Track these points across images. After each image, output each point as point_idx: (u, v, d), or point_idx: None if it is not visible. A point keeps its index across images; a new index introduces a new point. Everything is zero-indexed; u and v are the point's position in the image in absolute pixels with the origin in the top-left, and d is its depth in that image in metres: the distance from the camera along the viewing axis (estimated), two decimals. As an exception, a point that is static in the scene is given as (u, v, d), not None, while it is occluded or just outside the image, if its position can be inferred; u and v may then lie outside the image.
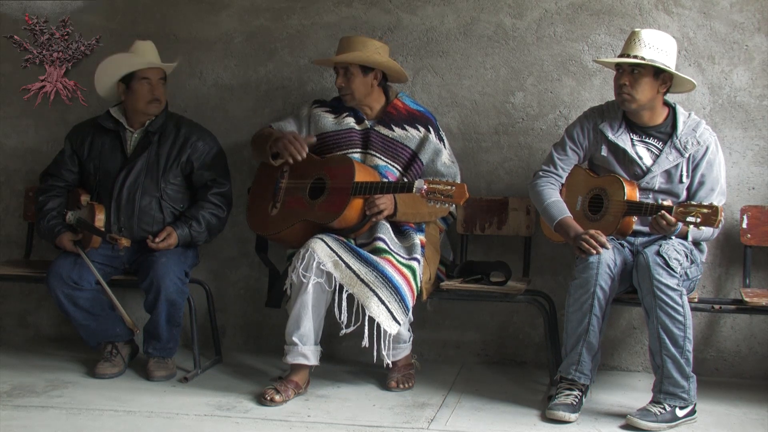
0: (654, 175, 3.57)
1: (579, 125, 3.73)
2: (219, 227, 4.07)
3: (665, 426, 3.28)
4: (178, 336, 3.94)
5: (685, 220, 3.26)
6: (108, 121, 4.07)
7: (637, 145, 3.61)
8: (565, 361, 3.45)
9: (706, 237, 3.55)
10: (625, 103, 3.53)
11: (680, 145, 3.56)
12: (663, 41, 3.50)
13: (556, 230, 3.60)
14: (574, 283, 3.43)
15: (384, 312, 3.49)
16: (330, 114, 3.94)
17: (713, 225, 3.21)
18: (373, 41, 3.88)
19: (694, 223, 3.23)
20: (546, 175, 3.71)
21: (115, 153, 4.03)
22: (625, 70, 3.50)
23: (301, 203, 3.76)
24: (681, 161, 3.56)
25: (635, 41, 3.49)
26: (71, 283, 3.81)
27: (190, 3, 4.45)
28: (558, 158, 3.72)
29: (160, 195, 3.97)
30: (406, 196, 3.67)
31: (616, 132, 3.63)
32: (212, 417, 3.39)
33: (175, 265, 3.83)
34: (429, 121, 3.93)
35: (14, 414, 3.39)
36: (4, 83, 4.59)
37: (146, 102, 3.98)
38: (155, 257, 3.83)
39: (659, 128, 3.61)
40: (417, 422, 3.35)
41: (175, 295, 3.81)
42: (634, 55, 3.46)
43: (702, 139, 3.56)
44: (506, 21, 4.17)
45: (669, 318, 3.28)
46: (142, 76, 3.97)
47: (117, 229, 3.93)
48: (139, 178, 3.97)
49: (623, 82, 3.50)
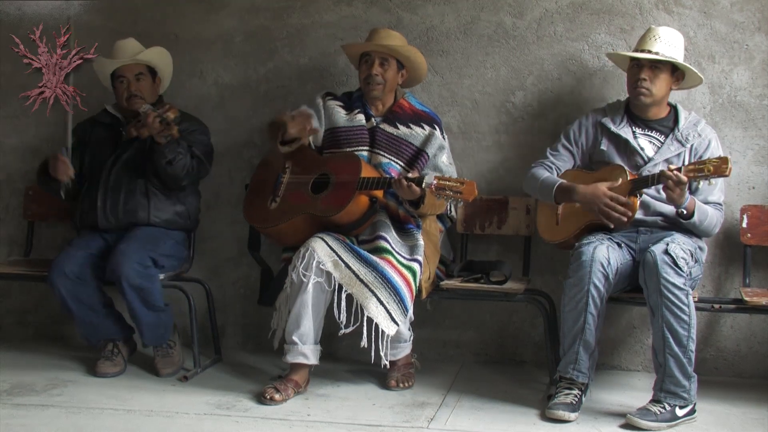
0: (656, 163, 3.58)
1: (577, 123, 3.77)
2: (188, 173, 3.96)
3: (665, 425, 3.27)
4: (167, 320, 3.91)
5: (697, 176, 3.25)
6: (105, 117, 4.15)
7: (639, 137, 3.64)
8: (563, 360, 3.45)
9: (710, 224, 3.54)
10: (641, 98, 3.57)
11: (682, 137, 3.61)
12: (677, 38, 3.59)
13: (558, 199, 3.59)
14: (568, 282, 3.43)
15: (382, 312, 3.49)
16: (342, 109, 3.94)
17: (725, 173, 3.19)
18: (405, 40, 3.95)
19: (706, 175, 3.23)
20: (537, 164, 3.75)
21: (108, 144, 4.08)
22: (645, 65, 3.54)
23: (303, 198, 3.75)
24: (683, 151, 3.59)
25: (653, 37, 3.55)
26: (74, 278, 3.81)
27: (189, 2, 4.45)
28: (550, 153, 3.77)
29: (146, 180, 3.99)
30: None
31: (618, 125, 3.66)
32: (212, 416, 3.39)
33: (134, 251, 3.79)
34: (434, 121, 3.95)
35: (14, 412, 3.39)
36: (4, 83, 4.59)
37: (124, 99, 4.06)
38: (116, 247, 3.83)
39: (661, 122, 3.66)
40: (417, 421, 3.35)
41: (139, 280, 3.76)
42: (654, 51, 3.52)
43: (704, 133, 3.63)
44: (506, 20, 4.17)
45: (674, 317, 3.28)
46: (118, 75, 4.08)
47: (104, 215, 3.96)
48: (127, 164, 4.01)
49: (643, 76, 3.54)
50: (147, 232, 3.95)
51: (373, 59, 3.85)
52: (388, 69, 3.86)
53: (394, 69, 3.89)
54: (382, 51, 3.85)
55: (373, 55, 3.86)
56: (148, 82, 4.11)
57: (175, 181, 3.97)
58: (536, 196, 3.77)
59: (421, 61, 3.93)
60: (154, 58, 4.14)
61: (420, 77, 4.03)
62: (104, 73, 4.14)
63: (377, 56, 3.85)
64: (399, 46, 3.86)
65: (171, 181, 3.97)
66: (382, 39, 3.87)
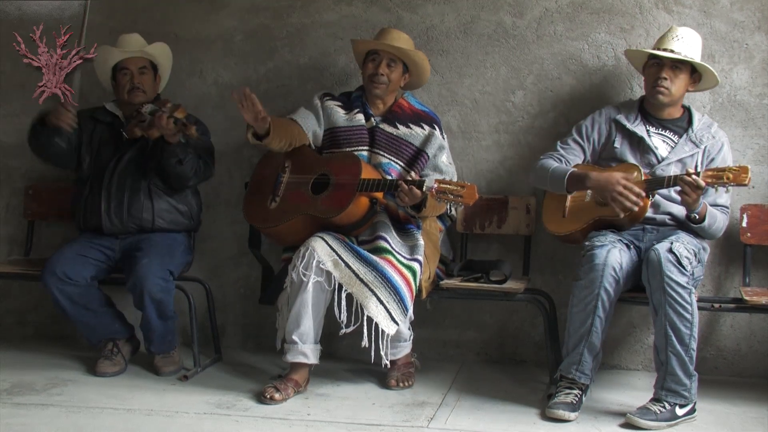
0: (669, 162, 3.58)
1: (590, 118, 3.77)
2: (196, 173, 3.97)
3: (665, 425, 3.27)
4: (174, 327, 3.93)
5: (716, 183, 3.24)
6: (105, 115, 4.13)
7: (653, 135, 3.65)
8: (566, 361, 3.44)
9: (718, 228, 3.55)
10: (659, 97, 3.57)
11: (695, 138, 3.61)
12: (696, 39, 3.60)
13: (570, 187, 3.57)
14: (579, 284, 3.41)
15: (382, 312, 3.49)
16: (341, 109, 3.94)
17: (744, 182, 3.20)
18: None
19: (724, 183, 3.22)
20: (546, 156, 3.74)
21: (109, 144, 4.07)
22: (666, 64, 3.54)
23: (303, 198, 3.75)
24: (696, 152, 3.60)
25: (674, 37, 3.56)
26: (65, 278, 3.80)
27: (190, 2, 4.45)
28: (560, 146, 3.75)
29: (149, 182, 3.98)
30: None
31: (632, 123, 3.66)
32: (212, 415, 3.39)
33: (157, 266, 3.81)
34: (434, 120, 3.95)
35: (14, 412, 3.39)
36: (4, 81, 4.59)
37: (126, 91, 4.05)
38: (137, 257, 3.83)
39: (676, 122, 3.67)
40: (417, 421, 3.35)
41: (160, 294, 3.79)
42: (677, 51, 3.52)
43: (717, 136, 3.64)
44: (506, 19, 4.17)
45: (677, 315, 3.28)
46: (122, 67, 4.07)
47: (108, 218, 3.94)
48: (130, 165, 4.00)
49: (664, 75, 3.54)
50: (161, 240, 3.95)
51: (381, 58, 3.85)
52: (394, 70, 3.87)
53: (400, 71, 3.90)
54: (392, 52, 3.86)
55: (381, 54, 3.86)
56: (150, 77, 4.11)
57: (183, 181, 3.97)
58: (545, 186, 3.73)
59: (427, 68, 3.96)
60: (159, 53, 4.16)
61: (421, 83, 4.04)
62: (106, 65, 4.11)
63: (386, 56, 3.86)
64: (409, 50, 3.87)
65: (178, 182, 3.96)
66: (393, 40, 3.86)
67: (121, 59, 4.07)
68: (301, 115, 3.91)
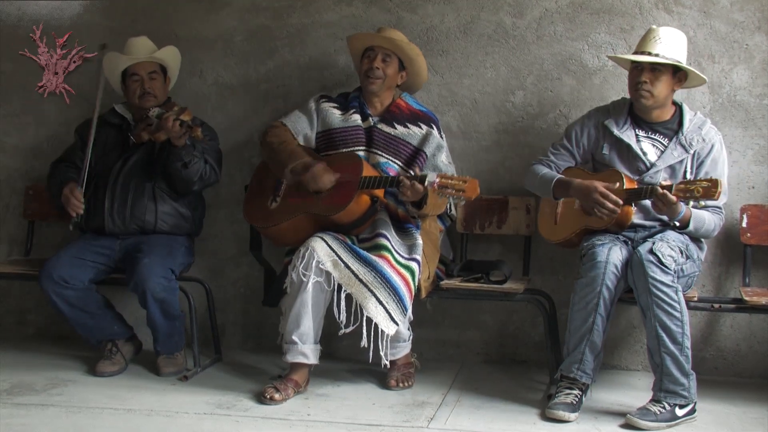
0: (658, 169, 3.57)
1: (579, 124, 3.75)
2: (201, 177, 3.96)
3: (665, 425, 3.27)
4: (181, 328, 3.93)
5: (686, 197, 3.24)
6: (113, 117, 4.14)
7: (642, 140, 3.62)
8: (567, 360, 3.44)
9: (708, 230, 3.54)
10: (642, 100, 3.54)
11: (685, 141, 3.57)
12: (678, 39, 3.54)
13: (556, 193, 3.59)
14: (580, 282, 3.41)
15: (382, 312, 3.49)
16: (337, 110, 3.95)
17: (713, 197, 3.19)
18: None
19: (695, 197, 3.22)
20: (537, 162, 3.76)
21: (117, 146, 4.07)
22: (645, 67, 3.50)
23: (304, 197, 3.75)
24: (686, 157, 3.57)
25: (653, 38, 3.50)
26: (61, 282, 3.80)
27: (190, 2, 4.45)
28: (551, 152, 3.76)
29: (154, 184, 3.98)
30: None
31: (621, 128, 3.63)
32: (212, 415, 3.39)
33: (159, 266, 3.81)
34: (432, 120, 3.95)
35: (14, 412, 3.39)
36: (5, 81, 4.59)
37: (137, 96, 4.05)
38: (138, 258, 3.82)
39: (666, 124, 3.62)
40: (417, 421, 3.35)
41: (163, 294, 3.80)
42: (655, 53, 3.47)
43: (707, 137, 3.58)
44: (506, 20, 4.17)
45: (666, 315, 3.28)
46: (132, 72, 4.07)
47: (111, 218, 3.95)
48: (135, 167, 4.00)
49: (644, 79, 3.50)
50: (163, 241, 3.94)
51: (376, 54, 3.87)
52: (389, 65, 3.87)
53: (395, 66, 3.90)
54: (387, 47, 3.86)
55: (376, 50, 3.87)
56: (160, 80, 4.11)
57: (188, 185, 3.96)
58: (536, 191, 3.77)
59: (423, 64, 3.95)
60: (168, 57, 4.16)
61: (418, 84, 4.04)
62: (116, 71, 4.11)
63: (381, 51, 3.86)
64: (402, 42, 3.88)
65: (183, 185, 3.96)
66: (387, 34, 3.89)
67: (130, 64, 4.07)
68: (291, 119, 3.94)
